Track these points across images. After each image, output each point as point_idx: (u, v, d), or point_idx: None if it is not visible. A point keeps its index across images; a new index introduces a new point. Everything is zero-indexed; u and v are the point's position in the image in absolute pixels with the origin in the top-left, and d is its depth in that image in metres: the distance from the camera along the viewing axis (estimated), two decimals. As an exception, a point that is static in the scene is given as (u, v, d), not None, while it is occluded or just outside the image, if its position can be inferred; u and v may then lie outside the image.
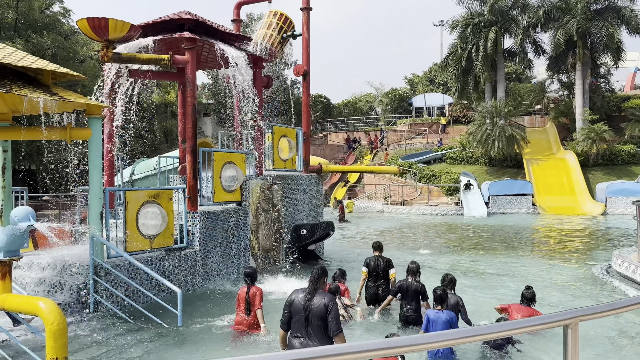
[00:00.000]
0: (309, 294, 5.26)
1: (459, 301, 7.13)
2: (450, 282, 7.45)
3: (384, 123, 57.56)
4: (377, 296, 8.49)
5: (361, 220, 26.18)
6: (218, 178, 10.74)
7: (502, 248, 16.25)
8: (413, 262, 7.94)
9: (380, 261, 8.59)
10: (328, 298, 5.21)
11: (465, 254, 15.07)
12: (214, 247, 10.41)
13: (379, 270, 8.51)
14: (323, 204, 14.51)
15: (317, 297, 5.21)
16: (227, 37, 11.67)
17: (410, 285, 7.64)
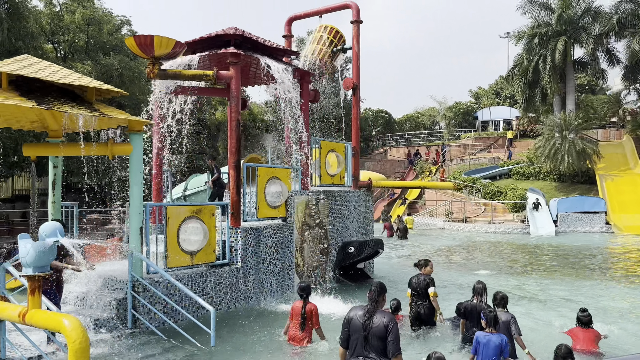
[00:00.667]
0: (368, 312, 5.13)
1: (510, 319, 6.71)
2: (502, 300, 7.03)
3: (447, 137, 56.22)
4: (419, 316, 8.16)
5: (420, 238, 25.37)
6: (262, 193, 10.60)
7: (571, 270, 15.13)
8: (479, 281, 7.48)
9: (421, 279, 8.22)
10: (388, 318, 5.09)
11: (529, 276, 14.12)
12: (257, 264, 10.23)
13: (418, 288, 8.18)
14: (373, 220, 14.05)
15: (376, 316, 5.09)
16: (274, 52, 11.59)
17: (476, 307, 7.16)
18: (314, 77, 12.45)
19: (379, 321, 5.03)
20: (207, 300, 9.17)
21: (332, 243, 12.34)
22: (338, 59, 14.55)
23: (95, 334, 7.64)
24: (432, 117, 65.21)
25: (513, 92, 48.02)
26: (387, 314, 5.16)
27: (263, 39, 11.35)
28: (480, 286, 7.34)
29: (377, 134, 61.65)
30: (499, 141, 48.19)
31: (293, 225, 11.16)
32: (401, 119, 66.03)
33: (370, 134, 60.67)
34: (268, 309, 10.02)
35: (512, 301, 8.90)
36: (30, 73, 7.13)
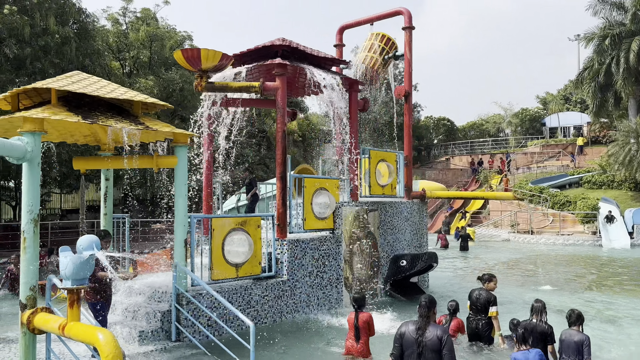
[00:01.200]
0: (420, 328, 5.11)
1: (584, 340, 6.27)
2: (578, 319, 6.52)
3: (513, 145, 54.21)
4: (477, 331, 7.90)
5: (481, 250, 24.41)
6: (309, 205, 10.44)
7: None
8: (538, 300, 7.11)
9: (481, 294, 7.96)
10: (441, 330, 5.08)
11: (599, 293, 13.14)
12: (303, 277, 10.05)
13: (478, 303, 7.93)
14: (427, 232, 13.55)
15: (429, 330, 5.08)
16: (322, 61, 11.46)
17: (535, 327, 6.74)
18: (363, 85, 12.18)
19: (432, 335, 5.02)
20: (252, 314, 9.09)
21: (382, 256, 11.99)
22: (391, 66, 14.25)
23: (139, 346, 7.70)
24: (497, 124, 63.15)
25: (583, 97, 45.69)
26: (439, 327, 5.14)
27: (311, 48, 11.26)
28: (539, 305, 6.96)
29: (439, 142, 60.41)
30: (568, 148, 45.93)
31: (341, 237, 10.92)
32: (464, 127, 64.38)
33: (431, 143, 59.54)
34: (315, 323, 9.80)
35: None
36: (78, 89, 7.32)
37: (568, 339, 6.33)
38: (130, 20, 27.21)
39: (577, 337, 6.28)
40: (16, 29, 17.54)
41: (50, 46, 18.52)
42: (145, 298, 8.79)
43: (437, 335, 5.00)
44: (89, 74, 20.41)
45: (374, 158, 12.09)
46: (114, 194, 10.14)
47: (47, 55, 18.52)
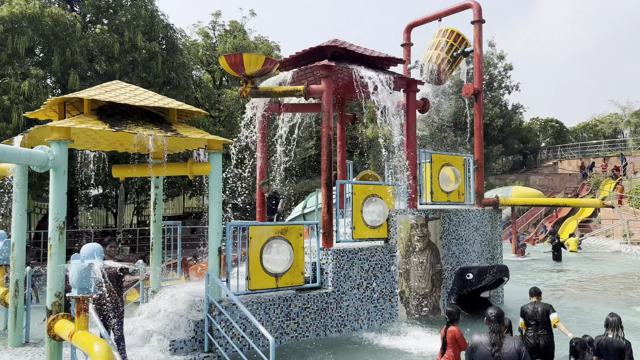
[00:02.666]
0: (496, 344, 5.04)
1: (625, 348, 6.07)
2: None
3: (632, 147, 49.17)
4: (537, 347, 7.27)
5: (582, 262, 22.10)
6: (359, 212, 9.89)
7: None
8: (613, 314, 6.59)
9: (537, 307, 7.41)
10: (518, 343, 5.05)
11: None
12: (351, 289, 9.50)
13: (537, 317, 7.34)
14: (501, 243, 12.36)
15: (506, 342, 5.06)
16: (376, 61, 10.89)
17: (611, 342, 6.30)
18: (422, 84, 11.39)
19: (509, 348, 4.98)
20: (292, 327, 8.72)
21: (446, 268, 11.08)
22: (463, 63, 13.28)
23: (170, 355, 7.62)
24: (614, 124, 57.68)
25: None
26: (516, 340, 5.09)
27: (365, 48, 10.74)
28: (614, 319, 6.45)
29: (547, 145, 56.37)
30: (699, 149, 40.74)
31: (395, 247, 10.23)
32: (575, 128, 59.63)
33: (538, 146, 55.71)
34: (364, 338, 9.21)
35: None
36: (109, 97, 7.43)
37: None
38: (220, 33, 28.21)
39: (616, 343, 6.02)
40: (107, 46, 18.75)
41: (137, 61, 19.58)
42: (187, 306, 8.75)
43: (516, 348, 4.96)
44: (174, 86, 21.42)
45: (437, 162, 11.26)
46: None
47: (135, 70, 19.60)
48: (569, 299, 13.26)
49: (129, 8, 20.21)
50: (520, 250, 23.57)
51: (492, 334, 5.10)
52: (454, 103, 44.59)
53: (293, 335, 8.70)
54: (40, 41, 17.58)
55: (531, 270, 19.60)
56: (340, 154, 12.79)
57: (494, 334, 5.09)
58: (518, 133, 49.66)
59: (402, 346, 8.85)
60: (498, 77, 45.90)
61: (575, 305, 12.28)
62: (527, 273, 18.70)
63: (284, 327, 8.61)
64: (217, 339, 7.86)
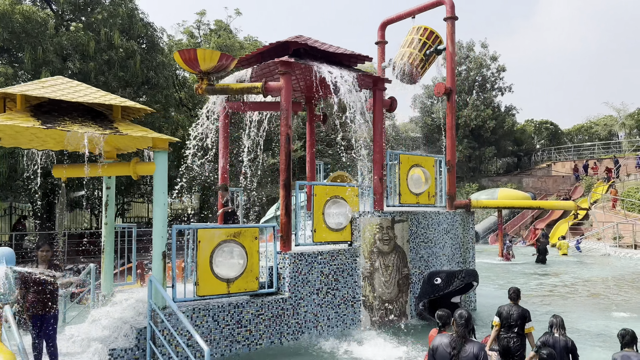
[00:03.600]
0: (456, 347, 5.03)
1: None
2: (633, 339, 5.91)
3: (627, 149, 48.83)
4: (508, 349, 7.36)
5: (571, 266, 21.69)
6: (320, 215, 9.52)
7: None
8: (556, 315, 6.92)
9: (513, 310, 7.45)
10: (478, 347, 5.01)
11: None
12: (310, 294, 9.11)
13: (511, 320, 7.41)
14: (474, 246, 11.96)
15: (466, 346, 5.03)
16: (341, 58, 10.52)
17: (557, 341, 6.54)
18: (390, 83, 11.02)
19: (468, 352, 4.95)
20: (244, 334, 8.33)
21: (414, 272, 10.70)
22: (438, 61, 12.90)
23: (109, 364, 7.24)
24: (609, 126, 57.34)
25: None
26: (477, 344, 5.05)
27: (330, 45, 10.38)
28: (557, 320, 6.77)
29: (542, 147, 55.97)
30: (693, 151, 40.42)
31: (359, 250, 9.84)
32: (570, 130, 59.24)
33: (532, 148, 55.32)
34: (322, 346, 8.81)
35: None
36: (43, 93, 7.07)
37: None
38: (205, 33, 27.86)
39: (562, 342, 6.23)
40: (82, 44, 18.37)
41: (114, 60, 19.21)
42: (134, 312, 8.35)
43: (474, 352, 4.92)
44: (153, 85, 21.01)
45: (406, 163, 10.89)
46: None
47: (112, 69, 19.22)
48: (546, 304, 12.87)
49: (106, 6, 19.85)
50: (507, 253, 23.18)
51: (455, 336, 5.09)
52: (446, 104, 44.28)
53: (245, 344, 8.32)
54: (11, 39, 17.19)
55: (515, 274, 19.20)
56: (309, 153, 12.40)
57: (457, 336, 5.07)
58: (511, 135, 49.29)
59: (362, 354, 8.49)
60: (491, 78, 45.57)
61: (550, 310, 11.88)
62: (509, 277, 18.31)
63: (235, 335, 8.22)
64: (159, 347, 7.47)
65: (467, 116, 43.38)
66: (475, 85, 45.28)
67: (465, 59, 45.02)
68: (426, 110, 46.62)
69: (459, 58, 44.90)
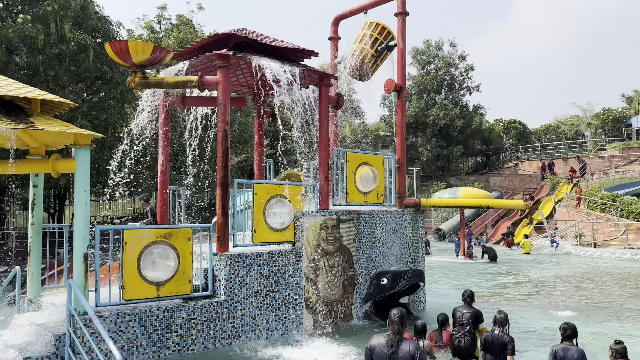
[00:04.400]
0: (393, 345, 5.01)
1: (583, 354, 6.06)
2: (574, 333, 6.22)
3: (594, 148, 49.68)
4: (459, 349, 7.53)
5: (526, 265, 21.80)
6: (261, 214, 9.18)
7: None
8: (500, 311, 7.17)
9: (467, 311, 7.64)
10: (414, 347, 5.01)
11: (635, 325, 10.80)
12: (247, 297, 8.77)
13: (462, 320, 7.61)
14: (424, 246, 11.78)
15: (402, 346, 5.02)
16: (286, 53, 10.20)
17: (497, 338, 6.82)
18: (336, 79, 10.73)
19: (404, 351, 4.96)
20: (174, 340, 7.95)
21: (360, 273, 10.45)
22: (391, 57, 12.67)
23: (22, 374, 6.79)
24: (575, 126, 58.30)
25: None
26: (412, 343, 5.06)
27: (274, 39, 10.04)
28: (501, 316, 6.99)
29: (510, 146, 56.61)
30: (654, 151, 41.27)
31: (302, 251, 9.54)
32: (538, 130, 60.11)
33: (501, 147, 55.89)
34: (260, 350, 8.48)
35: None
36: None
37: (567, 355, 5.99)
38: (166, 27, 27.23)
39: (576, 353, 6.00)
40: (29, 37, 17.66)
41: (65, 54, 18.53)
42: (59, 317, 7.89)
43: (410, 352, 4.93)
44: (108, 81, 20.34)
45: (353, 161, 10.63)
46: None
47: (63, 63, 18.54)
48: (497, 303, 12.76)
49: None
50: (469, 252, 23.19)
51: (392, 335, 5.07)
52: (415, 103, 44.35)
53: (175, 349, 7.94)
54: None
55: (474, 273, 19.17)
56: (257, 151, 12.04)
57: (394, 335, 5.06)
58: (479, 134, 49.68)
59: (301, 358, 8.19)
60: (459, 77, 45.79)
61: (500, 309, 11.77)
62: (466, 276, 18.26)
63: (164, 341, 7.83)
64: (78, 355, 7.05)
65: (436, 115, 43.53)
66: (444, 84, 45.46)
67: (434, 58, 45.17)
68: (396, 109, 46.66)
69: (427, 57, 45.04)
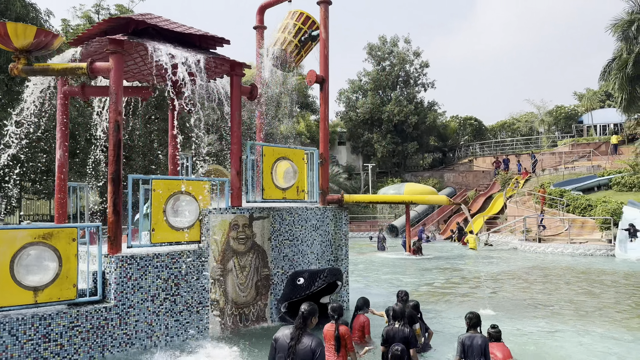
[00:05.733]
0: (294, 338, 5.08)
1: (487, 342, 6.45)
2: (479, 321, 6.70)
3: (547, 145, 50.56)
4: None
5: (473, 261, 21.75)
6: (161, 212, 8.54)
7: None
8: (397, 303, 7.32)
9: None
10: (316, 342, 5.06)
11: (564, 321, 10.58)
12: (142, 302, 8.12)
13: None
14: (347, 244, 11.33)
15: (304, 339, 5.07)
16: (195, 40, 9.56)
17: (397, 332, 6.73)
18: (249, 68, 10.16)
19: (305, 345, 5.00)
20: (53, 350, 7.25)
21: (276, 273, 9.92)
22: (312, 49, 12.19)
23: None
24: (530, 123, 59.25)
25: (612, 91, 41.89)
26: (315, 338, 5.10)
27: (180, 24, 9.39)
28: (398, 308, 6.93)
29: (466, 142, 57.16)
30: (602, 147, 42.14)
31: (207, 251, 8.94)
32: (494, 126, 60.85)
33: (457, 143, 56.33)
34: (157, 358, 7.87)
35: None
36: None
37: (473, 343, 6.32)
38: (105, 17, 26.09)
39: (480, 339, 6.36)
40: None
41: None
42: None
43: (311, 347, 4.99)
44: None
45: (270, 156, 10.08)
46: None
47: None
48: (428, 301, 12.45)
49: (-27, -18, 17.99)
50: (415, 248, 22.99)
51: (295, 329, 5.16)
52: (370, 99, 44.15)
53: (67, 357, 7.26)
54: None
55: (414, 269, 18.91)
56: (172, 145, 11.38)
57: (296, 328, 5.15)
58: (434, 130, 49.87)
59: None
60: (414, 74, 45.80)
61: (430, 308, 11.46)
62: (403, 273, 17.98)
63: (40, 351, 7.13)
64: None
65: (390, 111, 43.42)
66: (399, 80, 45.39)
67: (390, 54, 45.03)
68: (351, 105, 46.35)
69: (382, 53, 44.88)
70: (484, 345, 6.33)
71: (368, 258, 22.54)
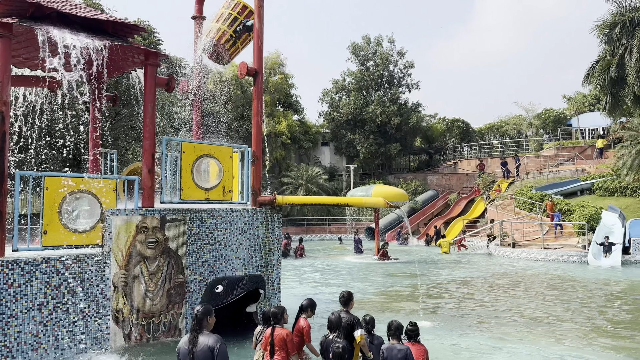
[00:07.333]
0: (191, 342, 4.94)
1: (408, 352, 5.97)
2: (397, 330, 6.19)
3: (533, 148, 49.95)
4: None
5: (441, 266, 21.03)
6: (55, 213, 7.81)
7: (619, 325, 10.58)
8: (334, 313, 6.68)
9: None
10: (213, 339, 4.91)
11: (512, 332, 9.88)
12: (27, 311, 7.39)
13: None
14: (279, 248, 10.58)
15: (200, 340, 4.94)
16: (105, 26, 8.84)
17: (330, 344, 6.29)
18: (166, 58, 9.45)
19: (202, 345, 4.89)
20: None
21: (193, 280, 9.18)
22: (249, 42, 11.47)
23: None
24: (518, 125, 58.66)
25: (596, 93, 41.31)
26: (212, 336, 4.97)
27: (89, 9, 8.68)
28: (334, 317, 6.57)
29: (452, 145, 56.55)
30: (587, 151, 41.53)
31: (109, 256, 8.20)
32: (482, 129, 60.22)
33: (443, 145, 55.68)
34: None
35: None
36: None
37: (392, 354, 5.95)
38: (71, 10, 25.30)
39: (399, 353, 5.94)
40: None
41: None
42: None
43: (209, 345, 4.87)
44: None
45: (190, 153, 9.35)
46: None
47: None
48: (374, 308, 11.74)
49: None
50: (382, 252, 22.28)
51: (191, 332, 5.06)
52: (353, 99, 43.46)
53: None
54: None
55: (371, 275, 18.18)
56: (92, 141, 10.64)
57: (192, 331, 5.04)
58: (418, 132, 49.19)
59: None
60: (398, 74, 45.14)
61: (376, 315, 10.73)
62: (359, 279, 17.26)
63: None
64: None
65: (373, 112, 42.73)
66: (383, 81, 44.71)
67: (374, 54, 44.35)
68: (334, 105, 45.65)
69: (366, 53, 44.20)
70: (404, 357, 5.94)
71: (332, 262, 21.81)
